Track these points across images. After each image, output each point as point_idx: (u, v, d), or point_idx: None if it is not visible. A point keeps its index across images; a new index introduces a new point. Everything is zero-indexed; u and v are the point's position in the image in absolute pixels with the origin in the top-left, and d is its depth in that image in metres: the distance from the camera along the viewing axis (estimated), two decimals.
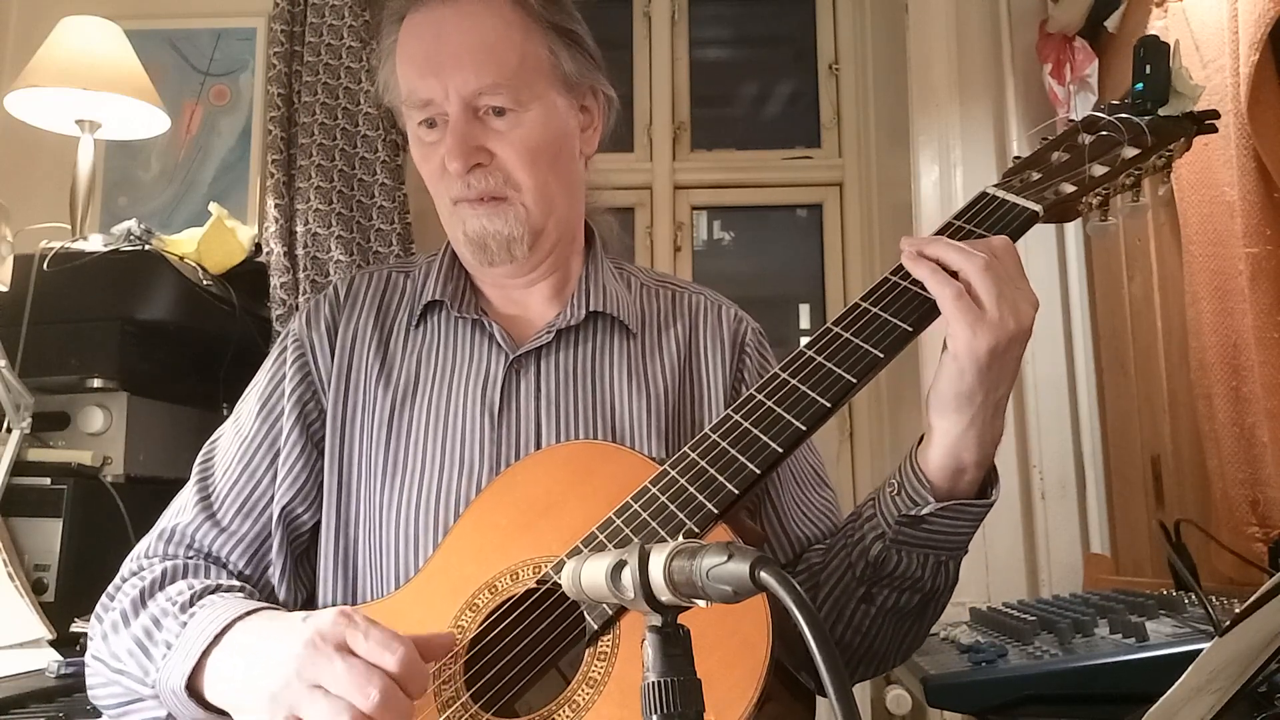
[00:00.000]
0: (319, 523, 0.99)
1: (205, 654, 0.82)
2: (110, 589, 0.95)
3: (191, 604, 0.87)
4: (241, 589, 0.93)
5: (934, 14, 2.31)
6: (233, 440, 1.02)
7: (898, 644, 0.94)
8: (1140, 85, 0.91)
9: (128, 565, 0.97)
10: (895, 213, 2.54)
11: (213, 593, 0.89)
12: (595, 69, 1.03)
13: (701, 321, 1.08)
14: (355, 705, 0.70)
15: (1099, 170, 0.89)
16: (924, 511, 0.84)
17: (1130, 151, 0.90)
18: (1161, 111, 0.91)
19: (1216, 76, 1.50)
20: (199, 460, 1.03)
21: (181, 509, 0.99)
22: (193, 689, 0.83)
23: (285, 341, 1.05)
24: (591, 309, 1.03)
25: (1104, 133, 0.91)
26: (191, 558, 0.96)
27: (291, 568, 0.98)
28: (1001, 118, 2.25)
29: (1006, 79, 2.25)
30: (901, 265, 0.86)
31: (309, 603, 0.99)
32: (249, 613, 0.84)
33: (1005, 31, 2.27)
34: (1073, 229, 2.15)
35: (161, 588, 0.91)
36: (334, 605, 0.95)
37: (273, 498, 0.98)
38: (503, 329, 1.02)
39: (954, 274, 0.81)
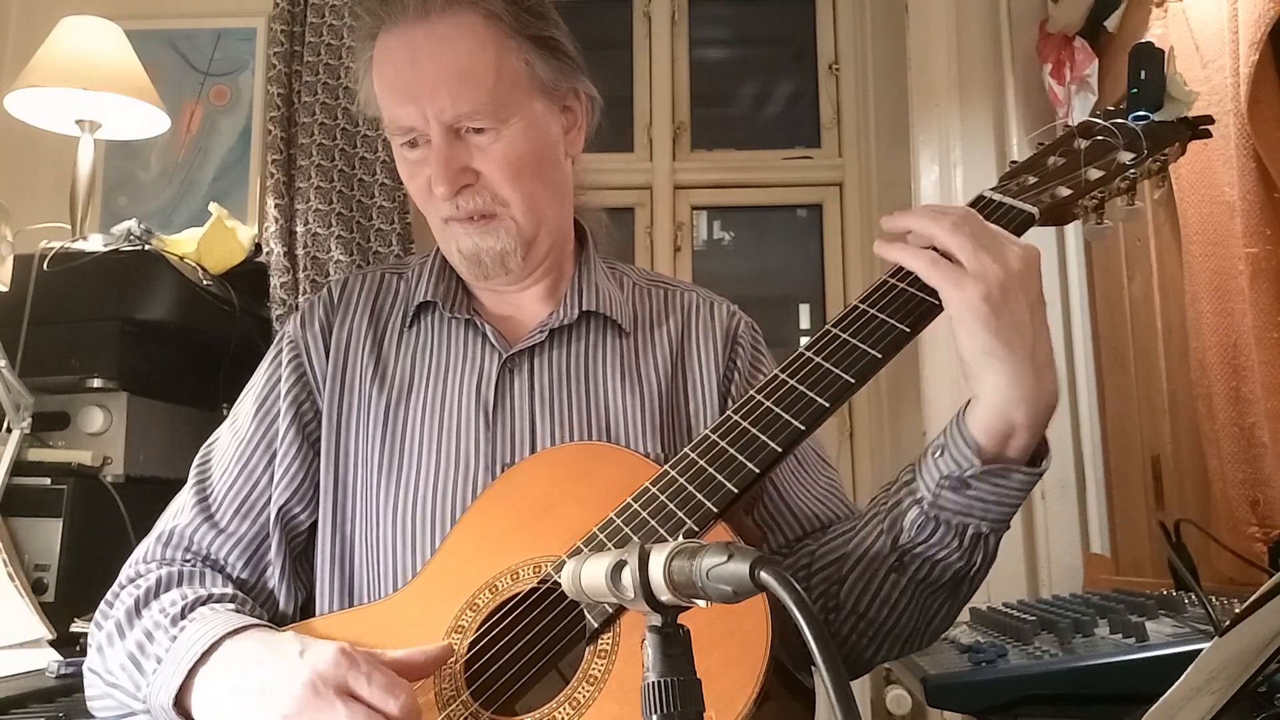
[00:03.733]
0: (316, 522, 0.99)
1: (193, 671, 0.82)
2: (109, 595, 0.95)
3: (183, 616, 0.87)
4: (234, 598, 0.92)
5: (934, 14, 2.31)
6: (230, 442, 1.02)
7: (925, 623, 0.90)
8: (1135, 91, 0.91)
9: (126, 571, 0.97)
10: (895, 213, 2.54)
11: (204, 603, 0.89)
12: (575, 71, 1.02)
13: (694, 318, 1.08)
14: None
15: (1094, 174, 0.90)
16: (968, 474, 0.80)
17: (1125, 156, 0.90)
18: (1156, 117, 0.91)
19: (1216, 76, 1.50)
20: (196, 463, 1.03)
21: (179, 511, 0.99)
22: (181, 706, 0.82)
23: (281, 343, 1.06)
24: (585, 308, 1.04)
25: (1099, 138, 0.92)
26: (189, 561, 0.96)
27: (290, 568, 0.98)
28: (1001, 118, 2.25)
29: (1006, 79, 2.25)
30: (899, 268, 0.86)
31: (308, 604, 0.99)
32: (237, 630, 0.83)
33: (1005, 31, 2.27)
34: (1073, 229, 2.15)
35: (156, 596, 0.91)
36: (332, 606, 0.96)
37: (270, 498, 0.99)
38: (495, 329, 1.03)
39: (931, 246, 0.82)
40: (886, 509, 0.87)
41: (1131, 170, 0.90)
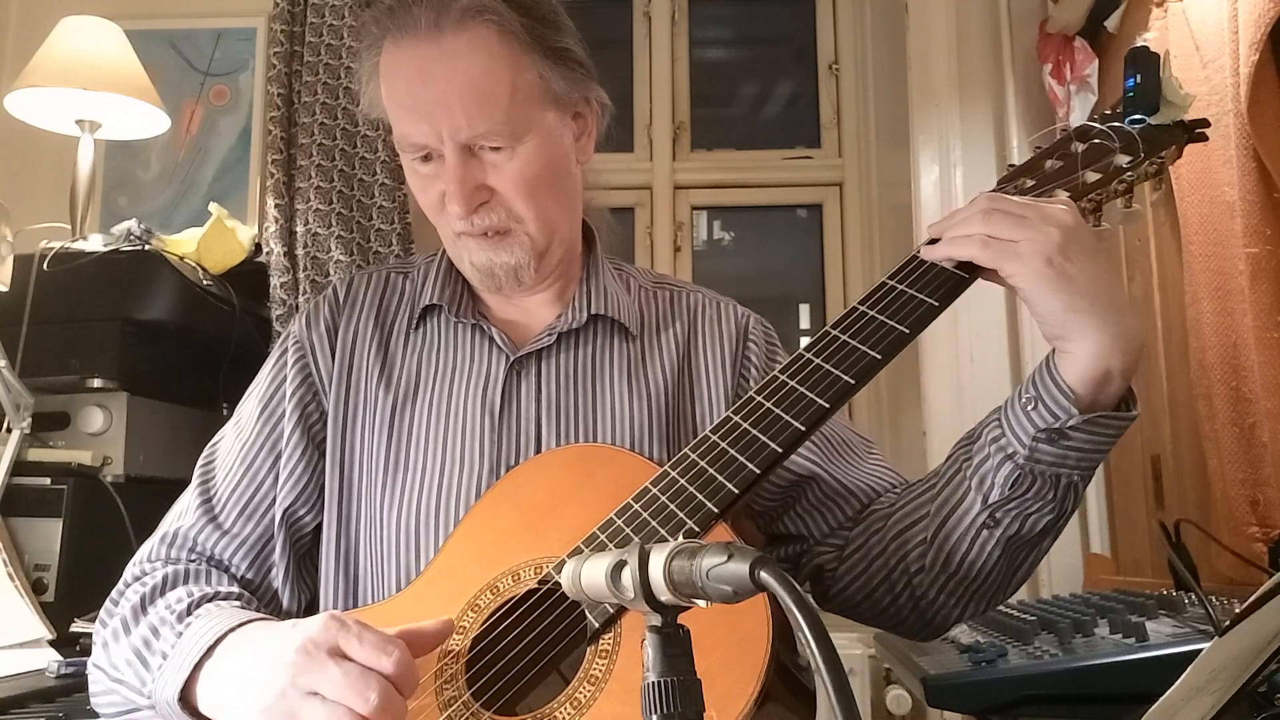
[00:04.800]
0: (321, 524, 0.99)
1: (198, 666, 0.82)
2: (113, 594, 0.95)
3: (189, 613, 0.87)
4: (240, 596, 0.93)
5: (934, 14, 2.31)
6: (234, 443, 1.02)
7: (1009, 576, 0.91)
8: (1131, 94, 0.92)
9: (130, 570, 0.97)
10: (895, 213, 2.54)
11: (210, 600, 0.89)
12: (587, 79, 1.01)
13: (700, 319, 1.08)
14: (354, 709, 0.71)
15: (1092, 177, 0.90)
16: (1069, 424, 0.80)
17: (1122, 159, 0.91)
18: (1152, 120, 0.92)
19: (1216, 76, 1.50)
20: (200, 463, 1.03)
21: (183, 512, 0.99)
22: (186, 700, 0.83)
23: (285, 343, 1.05)
24: (593, 312, 1.03)
25: (1096, 141, 0.92)
26: (193, 561, 0.96)
27: (294, 570, 0.98)
28: (1001, 118, 2.25)
29: (1006, 79, 2.25)
30: (899, 269, 0.87)
31: (312, 605, 1.00)
32: (242, 624, 0.84)
33: (1005, 31, 2.27)
34: None
35: (161, 594, 0.91)
36: (336, 607, 0.96)
37: (274, 500, 0.99)
38: (502, 332, 1.02)
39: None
40: (974, 466, 0.88)
41: (1128, 173, 0.91)
